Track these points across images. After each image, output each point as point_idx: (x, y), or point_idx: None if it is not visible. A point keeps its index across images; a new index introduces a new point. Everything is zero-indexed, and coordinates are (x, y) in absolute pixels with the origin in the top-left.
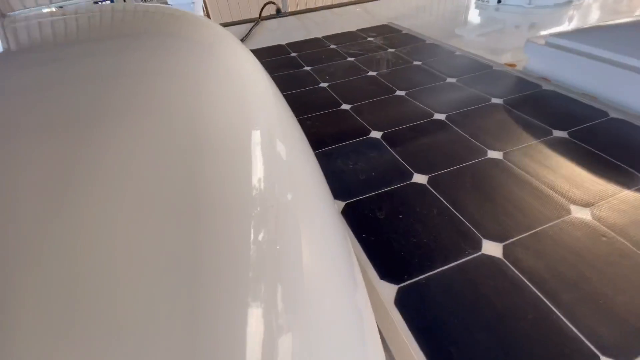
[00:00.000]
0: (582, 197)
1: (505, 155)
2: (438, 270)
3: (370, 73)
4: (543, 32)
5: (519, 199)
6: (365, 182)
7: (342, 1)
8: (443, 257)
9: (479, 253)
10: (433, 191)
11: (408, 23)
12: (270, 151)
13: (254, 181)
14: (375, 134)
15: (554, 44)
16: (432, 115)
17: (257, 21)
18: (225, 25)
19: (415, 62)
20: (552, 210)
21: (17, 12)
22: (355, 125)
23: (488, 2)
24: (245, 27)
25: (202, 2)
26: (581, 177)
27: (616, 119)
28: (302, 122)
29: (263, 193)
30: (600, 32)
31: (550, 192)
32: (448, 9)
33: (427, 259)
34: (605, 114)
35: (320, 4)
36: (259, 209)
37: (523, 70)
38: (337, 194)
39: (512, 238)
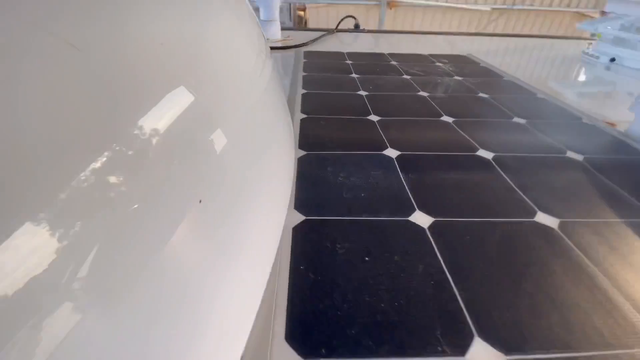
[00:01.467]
0: None
1: (562, 225)
2: None
3: (421, 93)
4: None
5: (566, 299)
6: (346, 201)
7: (430, 30)
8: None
9: None
10: (431, 240)
11: (493, 60)
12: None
13: None
14: (391, 152)
15: None
16: (476, 150)
17: (331, 31)
18: (302, 29)
19: (481, 94)
20: (622, 333)
21: None
22: (372, 138)
23: (598, 57)
24: (319, 34)
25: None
26: None
27: None
28: (315, 121)
29: None
30: None
31: (621, 298)
32: (547, 55)
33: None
34: None
35: (418, 29)
36: None
37: (625, 132)
38: (304, 204)
39: None
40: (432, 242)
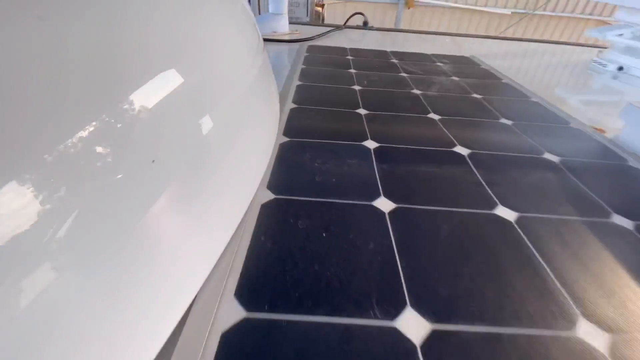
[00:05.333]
0: (599, 313)
1: (519, 219)
2: None
3: (414, 91)
4: None
5: (505, 281)
6: (316, 187)
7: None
8: None
9: None
10: (388, 221)
11: (496, 63)
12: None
13: None
14: (370, 144)
15: None
16: (454, 145)
17: (340, 27)
18: (312, 24)
19: (474, 95)
20: (553, 318)
21: None
22: (356, 130)
23: (605, 65)
24: (327, 29)
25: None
26: (614, 284)
27: None
28: (306, 112)
29: None
30: None
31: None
32: (554, 61)
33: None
34: None
35: (435, 30)
36: None
37: (611, 138)
38: (282, 191)
39: None
40: (389, 225)
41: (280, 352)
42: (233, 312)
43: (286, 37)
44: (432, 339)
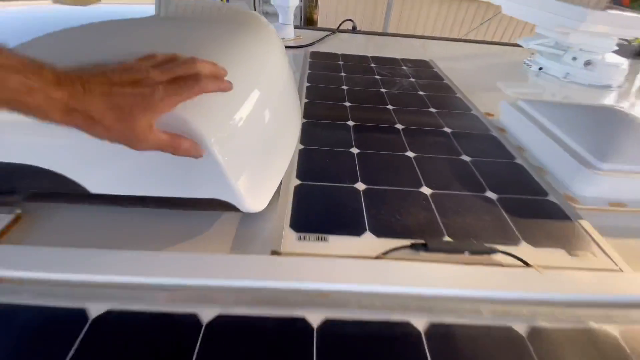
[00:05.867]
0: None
1: (416, 158)
2: None
3: (381, 89)
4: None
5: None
6: (322, 143)
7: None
8: None
9: None
10: (356, 157)
11: (446, 65)
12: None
13: None
14: (350, 123)
15: (518, 106)
16: (396, 123)
17: (334, 31)
18: (310, 28)
19: (420, 92)
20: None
21: None
22: (342, 115)
23: (531, 66)
24: (323, 34)
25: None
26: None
27: (519, 164)
28: (314, 104)
29: None
30: (559, 108)
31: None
32: (495, 62)
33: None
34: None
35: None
36: None
37: (492, 120)
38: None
39: None
40: (356, 159)
41: (314, 191)
42: (297, 182)
43: (292, 43)
44: (367, 190)
